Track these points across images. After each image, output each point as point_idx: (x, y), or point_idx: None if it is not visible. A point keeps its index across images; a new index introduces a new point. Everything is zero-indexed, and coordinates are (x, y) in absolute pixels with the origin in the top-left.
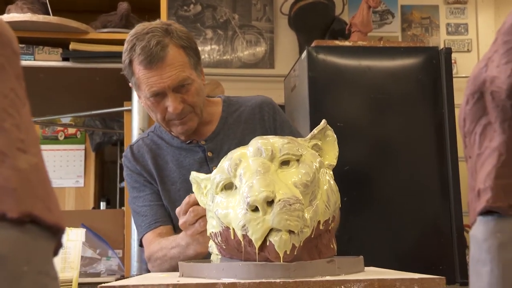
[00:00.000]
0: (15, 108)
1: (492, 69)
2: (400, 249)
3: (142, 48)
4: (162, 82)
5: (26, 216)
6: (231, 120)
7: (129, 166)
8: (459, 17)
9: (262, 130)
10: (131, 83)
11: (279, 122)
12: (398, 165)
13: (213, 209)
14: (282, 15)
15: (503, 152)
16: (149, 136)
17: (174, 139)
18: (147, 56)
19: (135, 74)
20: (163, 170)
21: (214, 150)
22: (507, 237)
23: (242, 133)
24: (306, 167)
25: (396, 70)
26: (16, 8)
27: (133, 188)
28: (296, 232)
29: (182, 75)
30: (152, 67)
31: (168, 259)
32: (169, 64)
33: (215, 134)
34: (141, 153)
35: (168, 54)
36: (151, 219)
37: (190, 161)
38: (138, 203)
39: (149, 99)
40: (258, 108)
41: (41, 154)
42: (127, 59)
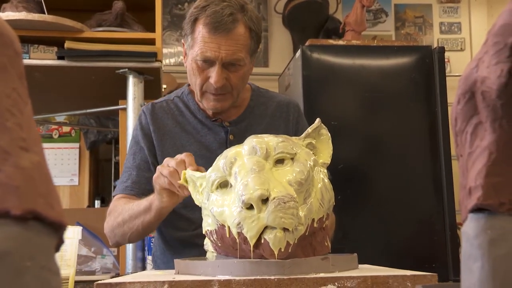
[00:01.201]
0: (18, 108)
1: (482, 69)
2: (393, 247)
3: (214, 12)
4: (217, 51)
5: (29, 213)
6: (257, 110)
7: (143, 122)
8: (452, 16)
9: (285, 129)
10: (184, 40)
11: (301, 126)
12: (391, 163)
13: (208, 207)
14: (276, 14)
15: (493, 150)
16: (174, 100)
17: (200, 112)
18: (216, 21)
19: (195, 33)
20: (181, 139)
21: (237, 135)
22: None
23: (266, 127)
24: (300, 166)
25: (389, 69)
26: (11, 6)
27: (135, 143)
28: (291, 229)
29: (239, 54)
30: (216, 33)
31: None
32: (232, 38)
33: (240, 119)
34: (161, 114)
35: (236, 29)
36: (129, 184)
37: (211, 139)
38: (130, 161)
39: (196, 61)
40: (285, 107)
41: (43, 152)
42: (194, 16)
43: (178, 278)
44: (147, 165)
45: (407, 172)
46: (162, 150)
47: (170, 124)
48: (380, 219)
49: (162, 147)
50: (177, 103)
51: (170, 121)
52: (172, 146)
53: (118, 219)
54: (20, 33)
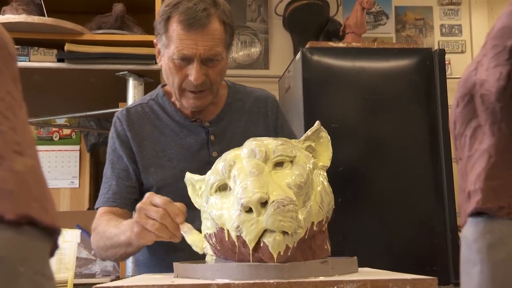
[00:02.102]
0: (12, 111)
1: (481, 72)
2: (394, 249)
3: (187, 8)
4: (195, 48)
5: (23, 218)
6: (235, 107)
7: (119, 129)
8: (453, 18)
9: (264, 125)
10: (157, 40)
11: (280, 121)
12: (392, 166)
13: (207, 210)
14: (277, 16)
15: (492, 154)
16: (148, 103)
17: (177, 113)
18: (191, 18)
19: (169, 31)
20: (160, 143)
21: (218, 135)
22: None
23: (246, 124)
24: (299, 169)
25: (390, 71)
26: (11, 9)
27: (112, 152)
28: (290, 233)
29: (216, 49)
30: (191, 30)
31: (105, 238)
32: (208, 34)
33: (219, 118)
34: (137, 119)
35: (211, 24)
36: (110, 196)
37: (191, 141)
38: (109, 172)
39: (173, 60)
40: (263, 103)
41: (38, 156)
42: (166, 15)
43: (177, 282)
44: (127, 173)
45: (407, 174)
46: (142, 157)
47: (147, 128)
48: (380, 222)
49: (141, 153)
50: (152, 106)
51: (148, 126)
52: (152, 151)
53: (100, 243)
54: (20, 36)
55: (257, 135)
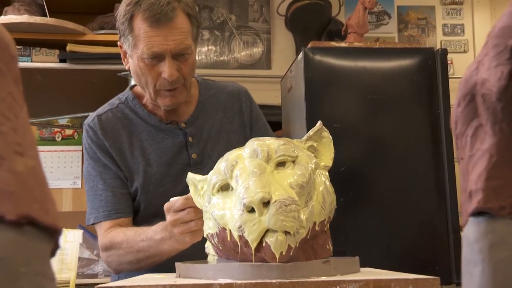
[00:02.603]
0: (13, 112)
1: (482, 72)
2: (396, 249)
3: (150, 4)
4: (165, 44)
5: (24, 218)
6: (208, 105)
7: (94, 139)
8: (455, 18)
9: (240, 120)
10: (122, 41)
11: (254, 113)
12: (394, 166)
13: (209, 210)
14: (279, 16)
15: (494, 154)
16: (118, 107)
17: (150, 116)
18: (156, 13)
19: (134, 31)
20: (138, 149)
21: (195, 136)
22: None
23: (221, 120)
24: (301, 168)
25: (392, 71)
26: (13, 9)
27: (96, 163)
28: (292, 233)
29: (186, 43)
30: (159, 25)
31: (135, 251)
32: (176, 27)
33: (194, 117)
34: (111, 127)
35: (177, 17)
36: (112, 208)
37: (169, 144)
38: (99, 184)
39: (144, 60)
40: (236, 97)
41: (38, 156)
42: (128, 14)
43: (180, 282)
44: (120, 181)
45: (409, 174)
46: (124, 164)
47: (123, 135)
48: (382, 221)
49: (123, 161)
50: (124, 110)
51: (122, 132)
52: (131, 158)
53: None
54: (22, 36)
55: (234, 132)
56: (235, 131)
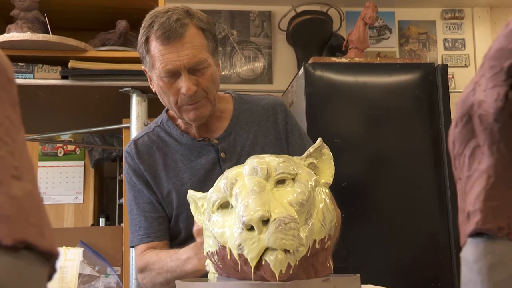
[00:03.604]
0: (10, 136)
1: (479, 93)
2: (399, 266)
3: (160, 24)
4: (178, 60)
5: (20, 243)
6: (242, 119)
7: (131, 164)
8: (456, 32)
9: (275, 133)
10: (144, 65)
11: (290, 125)
12: (396, 181)
13: (209, 228)
14: (280, 31)
15: (491, 174)
16: (154, 131)
17: (183, 136)
18: (166, 31)
19: (150, 51)
20: (172, 170)
21: (227, 151)
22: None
23: (255, 134)
24: (301, 186)
25: (392, 86)
26: (16, 27)
27: (131, 188)
28: (292, 251)
29: (199, 56)
30: (169, 42)
31: (164, 272)
32: (187, 42)
33: (227, 133)
34: (147, 150)
35: (187, 32)
36: (144, 232)
37: (202, 162)
38: (134, 209)
39: (162, 78)
40: (271, 110)
41: (36, 180)
42: (144, 36)
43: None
44: (152, 205)
45: (411, 190)
46: (158, 187)
47: (158, 158)
48: (384, 237)
49: (157, 183)
50: (159, 133)
51: (157, 155)
52: (166, 179)
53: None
54: (24, 53)
55: (269, 145)
56: (270, 144)
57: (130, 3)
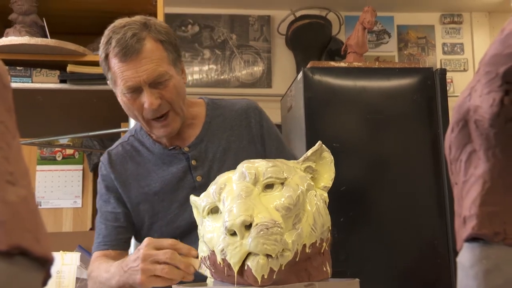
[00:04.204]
0: (5, 141)
1: (475, 98)
2: (397, 269)
3: (117, 41)
4: (137, 76)
5: (15, 249)
6: (215, 125)
7: (104, 173)
8: (454, 37)
9: (249, 137)
10: (108, 81)
11: (265, 128)
12: (394, 185)
13: (201, 233)
14: (279, 35)
15: (487, 179)
16: (129, 140)
17: (155, 145)
18: (122, 48)
19: (111, 69)
20: (144, 179)
21: (198, 158)
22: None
23: (228, 139)
24: (290, 190)
25: (391, 91)
26: (14, 31)
27: (100, 197)
28: (274, 256)
29: (159, 70)
30: (127, 59)
31: (98, 282)
32: (145, 57)
33: (198, 140)
34: (120, 160)
35: (144, 46)
36: (101, 240)
37: (173, 170)
38: (98, 216)
39: (125, 95)
40: (244, 114)
41: (31, 185)
42: (103, 53)
43: None
44: (113, 215)
45: (410, 194)
46: (129, 196)
47: (130, 167)
48: (383, 241)
49: (127, 192)
50: (133, 143)
51: (130, 165)
52: (137, 188)
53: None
54: (23, 57)
55: (242, 149)
56: (243, 149)
57: (128, 7)
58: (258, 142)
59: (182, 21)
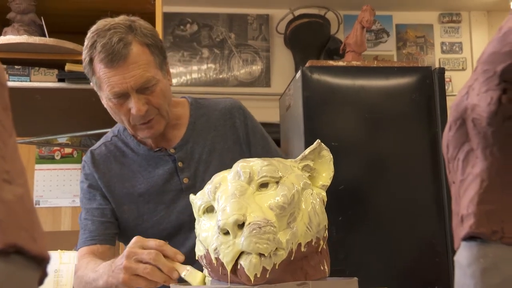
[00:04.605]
0: (1, 140)
1: (473, 97)
2: (395, 268)
3: (103, 46)
4: (124, 83)
5: (11, 247)
6: (199, 125)
7: (87, 173)
8: (453, 36)
9: (234, 137)
10: (92, 83)
11: (250, 127)
12: (393, 184)
13: (197, 232)
14: (278, 34)
15: (485, 178)
16: (112, 140)
17: (140, 146)
18: (109, 54)
19: (96, 73)
20: (129, 180)
21: (185, 160)
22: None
23: (213, 140)
24: (284, 189)
25: (390, 90)
26: (12, 30)
27: (84, 196)
28: (267, 255)
29: (147, 75)
30: (113, 65)
31: (84, 282)
32: (132, 62)
33: (184, 141)
34: (103, 160)
35: (131, 52)
36: (88, 235)
37: (160, 172)
38: (83, 215)
39: (111, 100)
40: (228, 114)
41: (27, 184)
42: (87, 57)
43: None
44: (100, 211)
45: (408, 193)
46: (113, 196)
47: (114, 167)
48: (381, 240)
49: (111, 192)
50: (116, 143)
51: (114, 165)
52: (121, 189)
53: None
54: (21, 56)
55: (227, 150)
56: (228, 149)
57: (127, 7)
58: (244, 142)
59: (180, 20)
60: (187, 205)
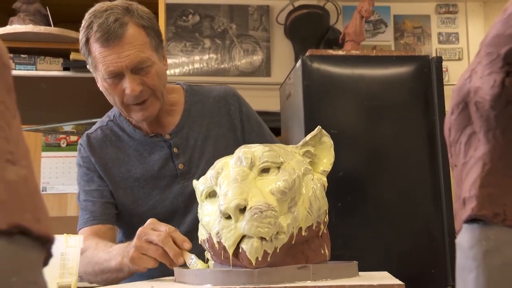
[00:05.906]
0: (5, 121)
1: (475, 80)
2: (393, 253)
3: (99, 25)
4: (119, 62)
5: (15, 227)
6: (194, 111)
7: (84, 156)
8: (450, 27)
9: (228, 124)
10: (88, 65)
11: (245, 113)
12: (391, 171)
13: (200, 216)
14: (278, 25)
15: (487, 161)
16: (108, 125)
17: (136, 131)
18: (104, 33)
19: (92, 53)
20: (125, 165)
21: (180, 146)
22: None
23: (208, 127)
24: (285, 174)
25: (388, 79)
26: (18, 19)
27: (81, 178)
28: (268, 238)
29: (141, 56)
30: (109, 44)
31: (93, 262)
32: (128, 42)
33: (179, 127)
34: (99, 144)
35: (127, 32)
36: (89, 215)
37: (155, 158)
38: (82, 197)
39: (106, 80)
40: (223, 101)
41: (31, 165)
42: (84, 38)
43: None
44: (99, 192)
45: (406, 179)
46: (109, 180)
47: (110, 152)
48: (379, 226)
49: (108, 176)
50: (112, 128)
51: (110, 149)
52: (118, 173)
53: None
54: (27, 45)
55: (222, 137)
56: (223, 135)
57: None
58: (238, 129)
59: (183, 11)
60: (182, 191)
